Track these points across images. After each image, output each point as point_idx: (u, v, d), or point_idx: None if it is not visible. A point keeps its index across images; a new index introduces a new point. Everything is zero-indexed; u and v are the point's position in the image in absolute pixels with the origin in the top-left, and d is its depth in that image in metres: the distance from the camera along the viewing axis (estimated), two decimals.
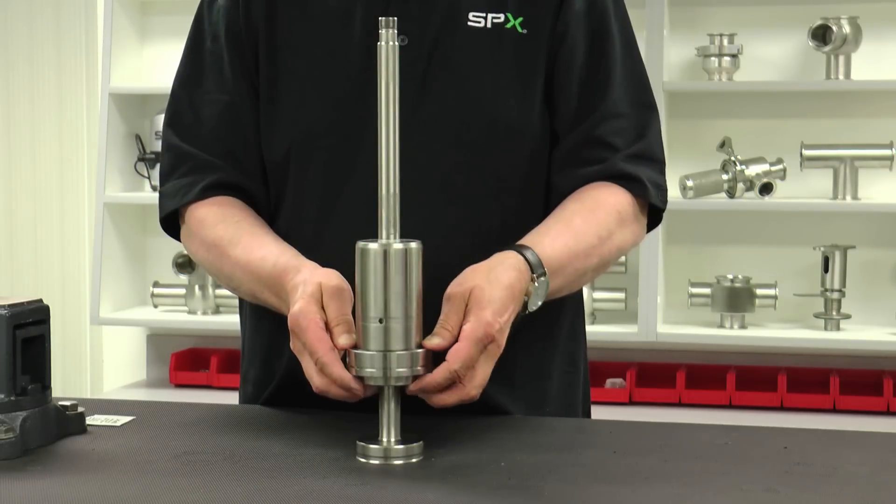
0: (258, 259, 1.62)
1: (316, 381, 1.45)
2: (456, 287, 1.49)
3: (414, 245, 1.43)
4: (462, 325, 1.45)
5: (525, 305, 1.53)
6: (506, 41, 1.69)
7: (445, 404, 1.44)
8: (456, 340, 1.44)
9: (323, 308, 1.46)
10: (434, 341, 1.44)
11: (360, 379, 1.43)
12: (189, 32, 1.78)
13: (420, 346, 1.43)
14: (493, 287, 1.48)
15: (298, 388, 1.58)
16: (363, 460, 1.43)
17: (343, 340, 1.43)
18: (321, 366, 1.43)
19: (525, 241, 1.59)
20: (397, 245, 1.42)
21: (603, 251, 1.66)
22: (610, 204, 1.68)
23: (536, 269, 1.54)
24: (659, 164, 1.75)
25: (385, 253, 1.42)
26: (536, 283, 1.54)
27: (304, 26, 1.70)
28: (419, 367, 1.43)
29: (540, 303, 1.55)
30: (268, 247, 1.64)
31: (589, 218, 1.65)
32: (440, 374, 1.43)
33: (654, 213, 1.76)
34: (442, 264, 1.61)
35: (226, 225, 1.69)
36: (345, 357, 1.44)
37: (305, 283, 1.50)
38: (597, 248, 1.65)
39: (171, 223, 1.77)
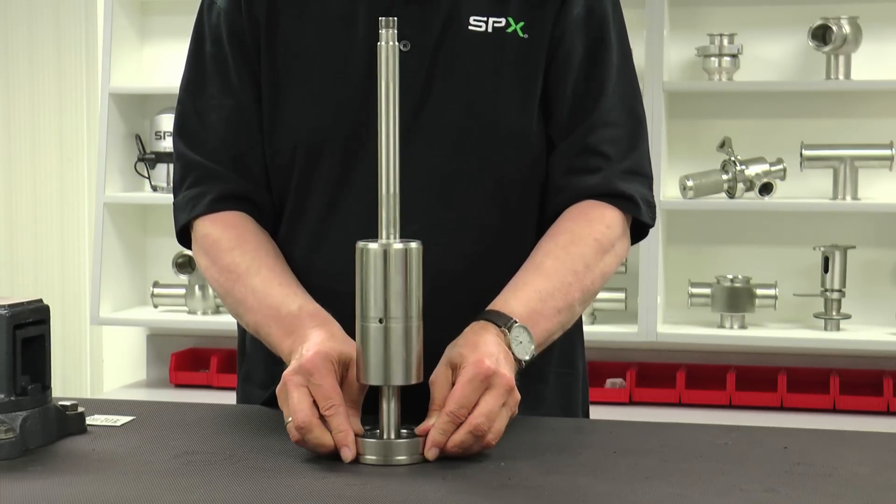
0: (279, 295, 1.62)
1: (301, 417, 1.43)
2: (438, 368, 1.49)
3: (414, 245, 1.43)
4: None
5: (516, 357, 1.52)
6: (507, 46, 1.68)
7: (458, 444, 1.43)
8: None
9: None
10: (426, 424, 1.45)
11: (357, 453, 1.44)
12: (191, 38, 1.78)
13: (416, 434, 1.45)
14: (471, 344, 1.49)
15: None
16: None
17: (347, 453, 1.43)
18: (331, 411, 1.43)
19: (491, 305, 1.58)
20: (397, 245, 1.42)
21: (584, 284, 1.65)
22: (586, 235, 1.67)
23: (504, 321, 1.54)
24: (648, 180, 1.75)
25: (385, 253, 1.42)
26: (511, 334, 1.53)
27: (305, 29, 1.70)
28: (418, 456, 1.43)
29: (532, 348, 1.54)
30: (291, 287, 1.64)
31: (562, 256, 1.65)
32: (441, 420, 1.43)
33: (642, 227, 1.76)
34: (443, 268, 1.62)
35: (242, 251, 1.68)
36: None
37: (334, 337, 1.50)
38: (574, 283, 1.64)
39: (186, 234, 1.77)
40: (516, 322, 1.54)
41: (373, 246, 1.42)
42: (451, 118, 1.67)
